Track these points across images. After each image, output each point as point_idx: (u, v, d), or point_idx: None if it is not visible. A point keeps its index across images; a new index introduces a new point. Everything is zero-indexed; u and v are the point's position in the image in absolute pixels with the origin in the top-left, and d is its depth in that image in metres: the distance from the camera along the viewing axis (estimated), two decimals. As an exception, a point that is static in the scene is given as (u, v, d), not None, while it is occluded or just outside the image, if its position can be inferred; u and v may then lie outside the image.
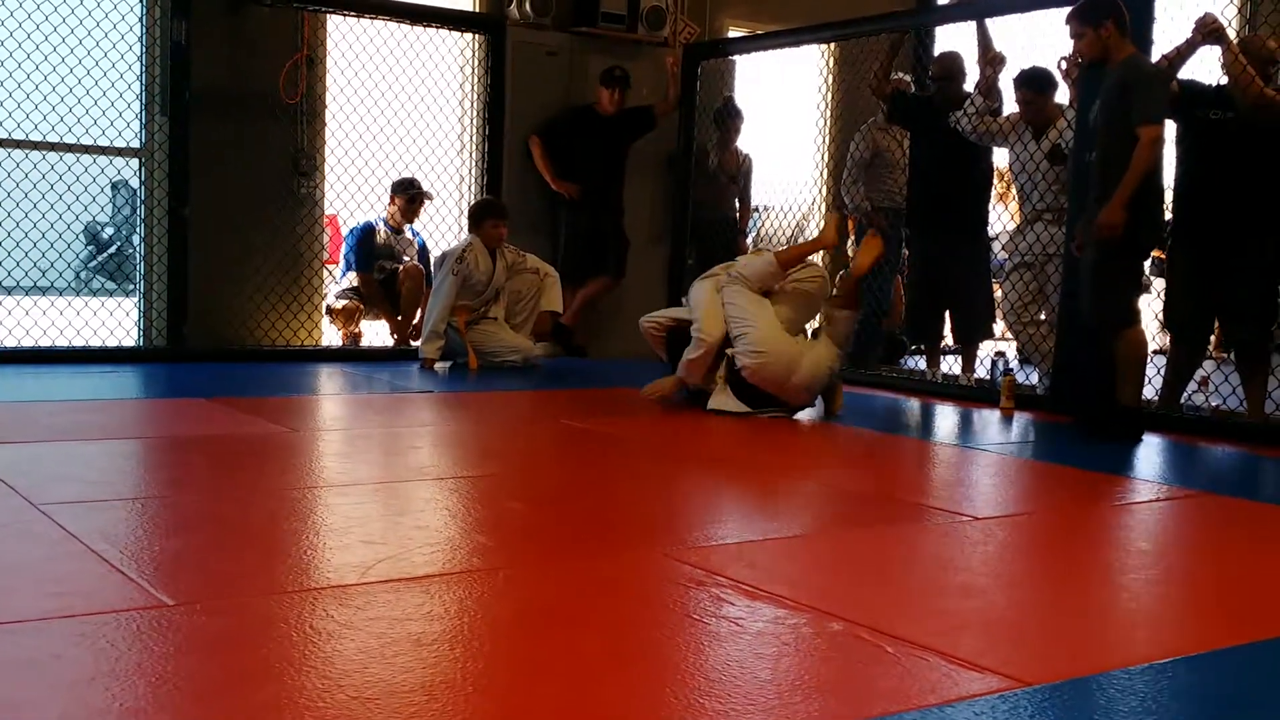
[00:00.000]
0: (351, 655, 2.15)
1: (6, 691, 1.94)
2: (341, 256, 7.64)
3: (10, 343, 6.50)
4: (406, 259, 7.57)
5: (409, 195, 7.47)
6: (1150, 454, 5.09)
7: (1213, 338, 6.11)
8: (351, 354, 7.35)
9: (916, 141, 7.07)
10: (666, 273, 8.15)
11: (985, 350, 7.31)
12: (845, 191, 7.61)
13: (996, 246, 7.68)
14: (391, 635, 2.27)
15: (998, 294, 7.07)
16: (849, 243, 8.07)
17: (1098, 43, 5.11)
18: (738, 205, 8.43)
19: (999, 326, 7.34)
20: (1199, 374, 5.96)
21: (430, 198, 7.62)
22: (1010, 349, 7.94)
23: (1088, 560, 3.28)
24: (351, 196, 7.51)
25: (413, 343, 7.40)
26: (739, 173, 8.35)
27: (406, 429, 5.13)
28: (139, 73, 6.81)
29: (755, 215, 8.64)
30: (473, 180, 7.88)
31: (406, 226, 7.61)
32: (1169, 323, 5.86)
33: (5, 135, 6.55)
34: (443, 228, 7.86)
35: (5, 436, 4.21)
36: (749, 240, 8.51)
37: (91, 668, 2.05)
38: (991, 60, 6.47)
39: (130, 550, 2.80)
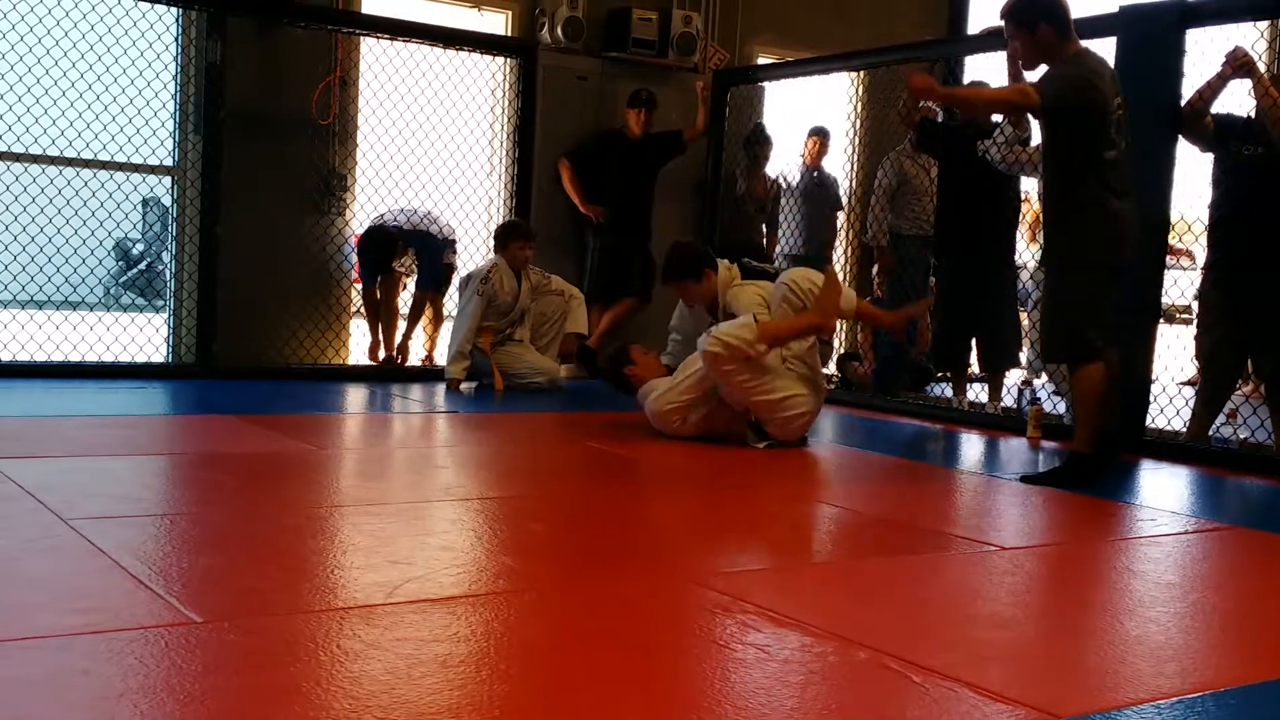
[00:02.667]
0: (378, 676, 2.16)
1: (35, 707, 1.95)
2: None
3: (40, 357, 6.55)
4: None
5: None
6: (1179, 486, 5.06)
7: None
8: (378, 373, 7.38)
9: (944, 170, 7.07)
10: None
11: (1012, 379, 7.28)
12: (871, 219, 7.62)
13: (1024, 275, 7.66)
14: (418, 656, 2.27)
15: (1025, 323, 7.05)
16: (873, 270, 8.08)
17: (1034, 48, 4.67)
18: (765, 230, 8.44)
19: (1025, 355, 7.32)
20: (1228, 406, 5.93)
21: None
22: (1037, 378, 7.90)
23: (1116, 593, 3.26)
24: (391, 212, 7.53)
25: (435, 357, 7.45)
26: (767, 199, 8.36)
27: (432, 449, 5.15)
28: (173, 91, 6.89)
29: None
30: (501, 202, 7.92)
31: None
32: (1199, 355, 5.83)
33: (40, 151, 6.62)
34: (471, 249, 7.88)
35: (35, 451, 4.25)
36: (776, 265, 8.51)
37: (119, 684, 2.06)
38: (1021, 90, 6.45)
39: (158, 566, 2.81)
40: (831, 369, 8.69)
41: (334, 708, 2.00)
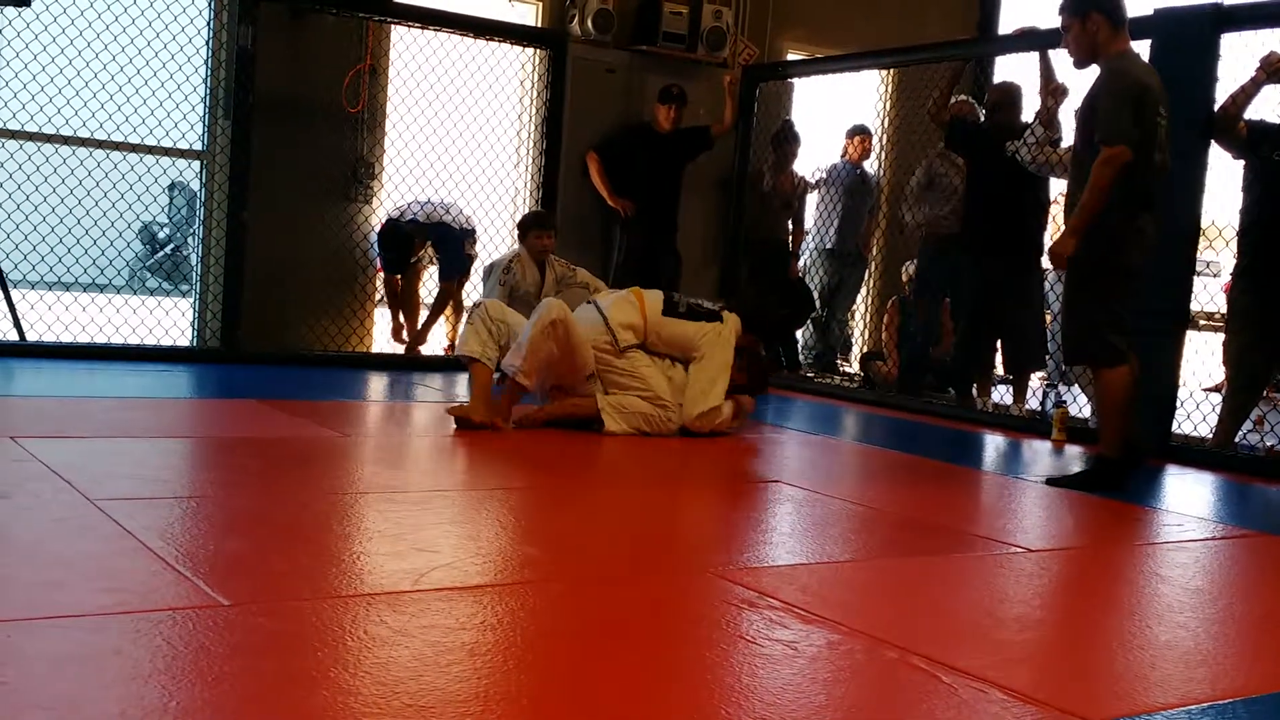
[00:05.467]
0: (406, 662, 2.15)
1: (66, 686, 1.95)
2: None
3: (67, 338, 6.58)
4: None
5: None
6: (1205, 492, 5.03)
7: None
8: (401, 361, 7.39)
9: (973, 170, 7.03)
10: (717, 291, 8.14)
11: (1037, 381, 7.24)
12: (908, 216, 7.60)
13: (1052, 277, 7.61)
14: (446, 644, 2.27)
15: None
16: (903, 268, 8.04)
17: (1085, 38, 4.54)
18: (791, 227, 8.41)
19: (1050, 358, 7.27)
20: (1255, 413, 5.89)
21: None
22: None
23: (1144, 597, 3.23)
24: (409, 205, 7.54)
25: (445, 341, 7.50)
26: (794, 196, 8.33)
27: (455, 437, 5.15)
28: (204, 76, 6.91)
29: (807, 238, 8.62)
30: (528, 194, 7.91)
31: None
32: (1227, 360, 5.79)
33: (70, 133, 6.65)
34: (497, 240, 7.88)
35: (62, 431, 4.26)
36: (800, 263, 8.49)
37: (148, 665, 2.06)
38: (1053, 91, 6.43)
39: (186, 549, 2.81)
40: (855, 368, 8.68)
41: (362, 693, 1.99)
